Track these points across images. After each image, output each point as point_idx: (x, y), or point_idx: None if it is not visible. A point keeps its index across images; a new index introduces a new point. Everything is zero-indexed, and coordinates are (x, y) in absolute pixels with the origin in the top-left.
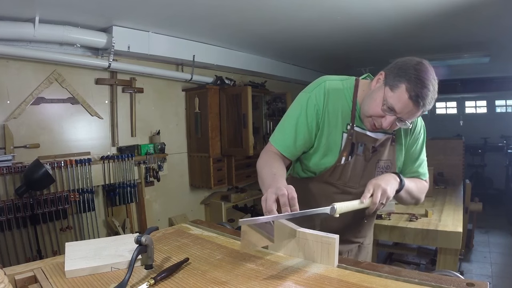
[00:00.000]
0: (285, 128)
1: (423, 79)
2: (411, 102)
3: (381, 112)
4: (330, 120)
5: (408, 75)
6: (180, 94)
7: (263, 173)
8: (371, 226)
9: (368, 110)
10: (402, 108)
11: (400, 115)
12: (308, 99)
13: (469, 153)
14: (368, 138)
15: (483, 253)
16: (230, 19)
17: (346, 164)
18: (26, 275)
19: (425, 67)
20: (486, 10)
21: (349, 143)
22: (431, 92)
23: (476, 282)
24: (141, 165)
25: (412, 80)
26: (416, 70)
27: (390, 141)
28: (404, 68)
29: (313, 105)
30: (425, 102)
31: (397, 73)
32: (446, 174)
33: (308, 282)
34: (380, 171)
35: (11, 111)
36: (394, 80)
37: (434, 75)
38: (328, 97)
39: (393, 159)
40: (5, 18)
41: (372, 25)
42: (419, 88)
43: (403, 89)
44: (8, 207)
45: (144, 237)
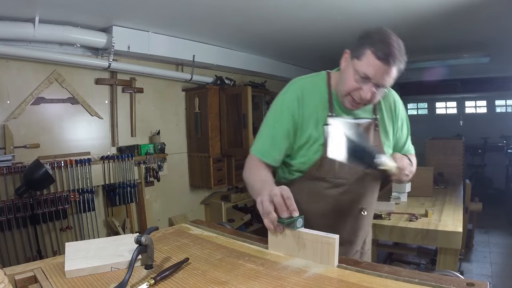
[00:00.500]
0: (264, 136)
1: (386, 39)
2: (380, 62)
3: (356, 84)
4: (309, 118)
5: (371, 39)
6: (180, 94)
7: (252, 181)
8: (370, 224)
9: (344, 88)
10: (374, 71)
11: (375, 80)
12: (282, 103)
13: (469, 153)
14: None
15: (483, 253)
16: (230, 19)
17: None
18: (26, 275)
19: (385, 31)
20: (486, 10)
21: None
22: (397, 50)
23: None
24: (141, 165)
25: (375, 42)
26: (378, 34)
27: (374, 126)
28: (365, 36)
29: (287, 109)
30: (395, 59)
31: (360, 42)
32: (446, 174)
33: (308, 282)
34: None
35: (11, 111)
36: (359, 50)
37: (396, 36)
38: (302, 96)
39: (379, 144)
40: (5, 18)
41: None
42: (385, 47)
43: (369, 54)
44: (8, 207)
45: (144, 237)
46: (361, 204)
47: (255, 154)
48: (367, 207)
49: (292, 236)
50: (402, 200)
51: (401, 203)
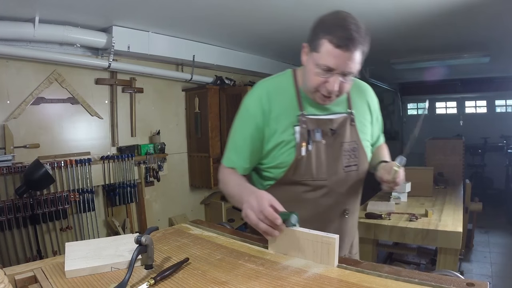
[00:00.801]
0: (229, 145)
1: (341, 22)
2: (340, 50)
3: (320, 78)
4: (278, 120)
5: (324, 27)
6: (180, 94)
7: (229, 191)
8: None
9: (309, 84)
10: (335, 61)
11: (339, 70)
12: (244, 112)
13: (469, 153)
14: (322, 121)
15: (483, 253)
16: (230, 19)
17: (308, 154)
18: (26, 275)
19: (338, 13)
20: (486, 10)
21: (305, 132)
22: (356, 31)
23: (476, 282)
24: (141, 165)
25: (330, 29)
26: (331, 19)
27: (349, 121)
28: (318, 25)
29: (249, 115)
30: (355, 42)
31: (314, 32)
32: (446, 174)
33: (308, 282)
34: (347, 154)
35: (11, 111)
36: (314, 41)
37: (353, 16)
38: (267, 98)
39: (357, 140)
40: (5, 18)
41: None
42: (341, 32)
43: (326, 43)
44: (8, 207)
45: (144, 237)
46: (344, 205)
47: (224, 164)
48: (350, 209)
49: (292, 236)
50: (402, 200)
51: (401, 203)
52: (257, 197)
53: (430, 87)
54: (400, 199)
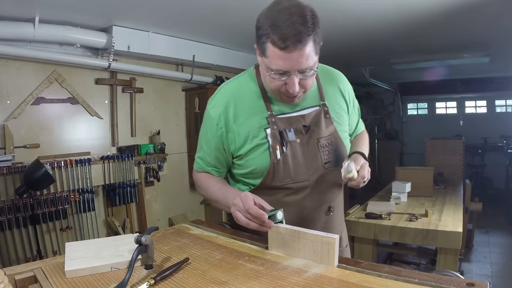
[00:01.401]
0: (199, 152)
1: (279, 20)
2: (287, 51)
3: (278, 82)
4: (246, 124)
5: (265, 29)
6: (180, 94)
7: (211, 195)
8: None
9: (269, 88)
10: (286, 63)
11: (293, 70)
12: (206, 118)
13: (469, 153)
14: (294, 119)
15: (483, 253)
16: (230, 19)
17: (284, 156)
18: (26, 275)
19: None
20: (486, 10)
21: (277, 133)
22: (300, 23)
23: (476, 282)
24: (141, 165)
25: (270, 31)
26: (268, 18)
27: (323, 113)
28: (258, 26)
29: (212, 124)
30: (301, 37)
31: (257, 36)
32: (446, 174)
33: (308, 282)
34: (325, 150)
35: (11, 111)
36: (260, 45)
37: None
38: (232, 103)
39: (335, 133)
40: (5, 18)
41: (372, 25)
42: (283, 30)
43: (270, 47)
44: (8, 207)
45: (144, 237)
46: (328, 203)
47: (195, 168)
48: (334, 205)
49: (292, 236)
50: (402, 200)
51: (401, 203)
52: (242, 198)
53: (430, 87)
54: (400, 199)
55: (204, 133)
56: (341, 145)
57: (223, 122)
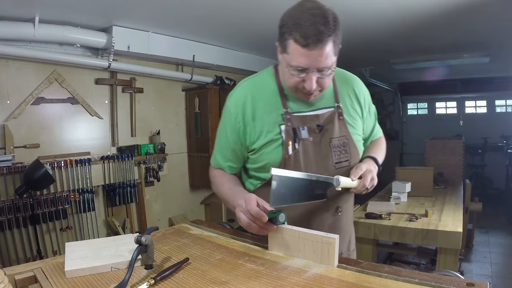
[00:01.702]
0: (217, 147)
1: (302, 19)
2: (308, 49)
3: (296, 78)
4: (262, 120)
5: (287, 27)
6: (180, 94)
7: (222, 194)
8: (350, 223)
9: (288, 85)
10: (306, 60)
11: (312, 68)
12: (225, 113)
13: (469, 153)
14: (308, 118)
15: (483, 253)
16: (230, 19)
17: (296, 153)
18: (26, 275)
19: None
20: (486, 10)
21: (290, 130)
22: (321, 23)
23: (476, 282)
24: (141, 165)
25: (292, 29)
26: (291, 17)
27: (337, 115)
28: (282, 24)
29: (230, 118)
30: (321, 37)
31: (280, 33)
32: (446, 174)
33: (308, 282)
34: (337, 150)
35: (11, 111)
36: (282, 42)
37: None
38: (250, 97)
39: (347, 135)
40: (5, 18)
41: (372, 25)
42: (305, 29)
43: (292, 44)
44: (8, 207)
45: (144, 237)
46: (336, 203)
47: (212, 164)
48: (343, 205)
49: (292, 236)
50: (402, 200)
51: (401, 203)
52: (246, 199)
53: (430, 87)
54: (400, 199)
55: (222, 127)
56: (352, 147)
57: (241, 117)
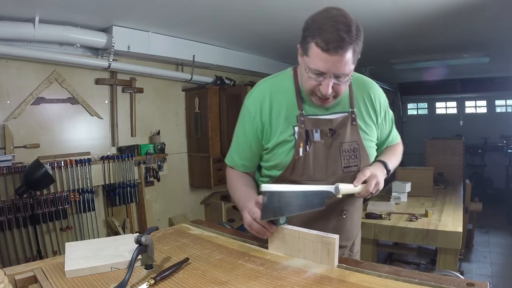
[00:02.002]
0: (233, 146)
1: (326, 25)
2: (328, 54)
3: (313, 82)
4: (278, 119)
5: (311, 31)
6: (180, 94)
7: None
8: (356, 226)
9: (305, 87)
10: (325, 65)
11: (330, 74)
12: (244, 111)
13: (469, 153)
14: (321, 121)
15: (483, 253)
16: (230, 19)
17: (306, 155)
18: (26, 275)
19: (327, 11)
20: (486, 10)
21: (303, 132)
22: (344, 31)
23: (476, 282)
24: (141, 165)
25: (316, 33)
26: (315, 22)
27: (350, 120)
28: (306, 27)
29: (249, 115)
30: (343, 44)
31: (303, 35)
32: (446, 174)
33: (308, 282)
34: (346, 155)
35: (11, 111)
36: (304, 44)
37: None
38: (268, 97)
39: (359, 140)
40: (5, 18)
41: (372, 25)
42: (327, 35)
43: (314, 47)
44: (8, 207)
45: (144, 237)
46: (342, 205)
47: (226, 162)
48: (349, 208)
49: (292, 236)
50: (402, 200)
51: (401, 203)
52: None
53: (430, 87)
54: (400, 199)
55: (241, 126)
56: (363, 152)
57: (259, 116)
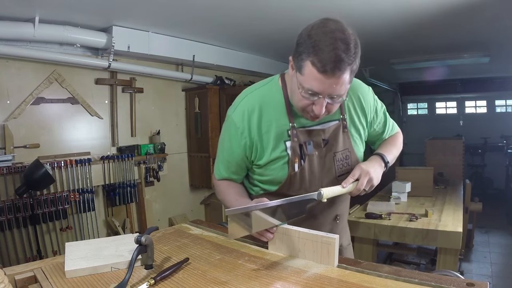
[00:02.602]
0: (220, 160)
1: (323, 42)
2: (324, 75)
3: (306, 101)
4: (268, 135)
5: (307, 47)
6: (180, 94)
7: (227, 203)
8: (346, 226)
9: (295, 104)
10: (320, 86)
11: (324, 94)
12: (230, 125)
13: (469, 153)
14: (314, 132)
15: (483, 253)
16: (230, 19)
17: (302, 169)
18: (26, 275)
19: (324, 25)
20: (486, 10)
21: (297, 147)
22: (343, 50)
23: (476, 282)
24: (141, 165)
25: (312, 51)
26: (312, 37)
27: (342, 128)
28: (301, 41)
29: (236, 132)
30: (341, 66)
31: (297, 51)
32: (446, 174)
33: (308, 282)
34: (340, 164)
35: (11, 111)
36: (298, 61)
37: (342, 27)
38: (257, 113)
39: (350, 147)
40: (5, 18)
41: (372, 25)
42: (324, 54)
43: (309, 66)
44: (8, 207)
45: (144, 237)
46: (336, 211)
47: (215, 176)
48: (341, 214)
49: (292, 236)
50: (402, 200)
51: (401, 203)
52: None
53: (430, 87)
54: (400, 199)
55: (226, 140)
56: (354, 159)
57: (247, 132)
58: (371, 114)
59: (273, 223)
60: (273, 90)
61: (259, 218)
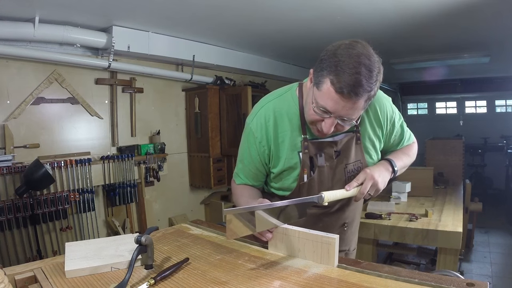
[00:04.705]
0: (240, 166)
1: (347, 65)
2: (340, 96)
3: (316, 116)
4: (283, 145)
5: (329, 65)
6: (180, 94)
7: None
8: (355, 233)
9: (306, 116)
10: (334, 106)
11: (336, 114)
12: (249, 134)
13: (469, 153)
14: (325, 144)
15: (483, 253)
16: (230, 19)
17: (311, 180)
18: (26, 275)
19: (349, 49)
20: (486, 10)
21: (307, 158)
22: (364, 76)
23: (476, 282)
24: (141, 165)
25: (333, 70)
26: (337, 56)
27: (355, 140)
28: (325, 58)
29: (255, 141)
30: (359, 91)
31: (319, 66)
32: (446, 174)
33: (308, 282)
34: (351, 175)
35: (11, 111)
36: (318, 76)
37: (369, 52)
38: (273, 122)
39: (362, 159)
40: (5, 18)
41: (372, 25)
42: (346, 76)
43: (328, 84)
44: (8, 207)
45: (144, 237)
46: (344, 219)
47: (235, 181)
48: (349, 222)
49: (292, 236)
50: (402, 200)
51: (401, 203)
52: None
53: (430, 87)
54: (400, 199)
55: (246, 147)
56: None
57: (265, 141)
58: (387, 126)
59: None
60: (289, 101)
61: (262, 218)
